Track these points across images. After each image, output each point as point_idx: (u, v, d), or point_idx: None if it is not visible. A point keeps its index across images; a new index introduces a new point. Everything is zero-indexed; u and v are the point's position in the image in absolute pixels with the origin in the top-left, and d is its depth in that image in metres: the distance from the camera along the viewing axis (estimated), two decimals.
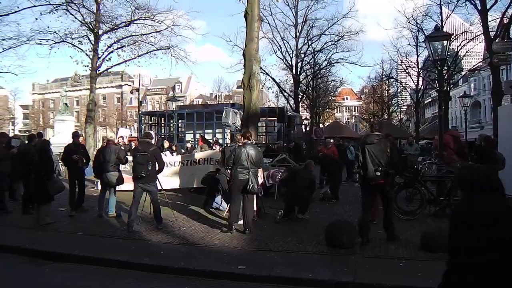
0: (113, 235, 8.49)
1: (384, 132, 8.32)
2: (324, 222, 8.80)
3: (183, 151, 15.98)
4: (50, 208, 9.68)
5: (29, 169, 10.11)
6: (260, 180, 9.76)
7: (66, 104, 36.04)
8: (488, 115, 43.91)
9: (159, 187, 9.26)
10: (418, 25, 31.71)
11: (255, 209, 9.45)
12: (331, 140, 16.63)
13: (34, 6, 20.49)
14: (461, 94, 33.64)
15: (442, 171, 10.72)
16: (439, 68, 10.87)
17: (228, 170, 9.07)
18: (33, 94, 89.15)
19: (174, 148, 16.01)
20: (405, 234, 8.16)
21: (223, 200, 10.63)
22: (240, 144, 9.11)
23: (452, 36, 14.29)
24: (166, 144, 16.06)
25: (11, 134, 56.57)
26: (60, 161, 20.27)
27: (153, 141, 10.00)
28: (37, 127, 77.71)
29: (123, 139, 17.56)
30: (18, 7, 20.49)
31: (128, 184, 14.19)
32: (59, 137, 30.38)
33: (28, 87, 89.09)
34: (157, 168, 8.92)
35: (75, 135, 11.47)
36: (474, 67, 33.51)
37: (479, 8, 21.43)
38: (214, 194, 10.89)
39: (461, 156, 11.12)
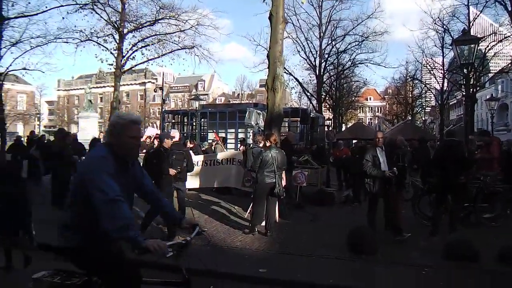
0: None
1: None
2: (346, 226, 8.75)
3: (203, 148, 15.90)
4: None
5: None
6: (283, 182, 9.73)
7: (90, 100, 36.56)
8: None
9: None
10: (445, 26, 31.08)
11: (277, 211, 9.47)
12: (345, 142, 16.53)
13: (61, 6, 20.73)
14: (488, 96, 32.95)
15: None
16: (466, 72, 10.66)
17: (253, 173, 9.13)
18: (58, 90, 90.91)
19: (191, 145, 15.88)
20: (428, 240, 8.07)
21: None
22: (261, 145, 9.15)
23: (480, 40, 13.99)
24: (189, 144, 15.99)
25: (36, 129, 57.80)
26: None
27: (177, 138, 10.13)
28: (62, 123, 79.12)
29: (150, 139, 17.41)
30: (46, 7, 20.58)
31: None
32: (83, 133, 30.91)
33: (54, 83, 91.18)
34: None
35: (166, 137, 9.13)
36: (502, 69, 32.71)
37: (509, 9, 20.97)
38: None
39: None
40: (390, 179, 8.25)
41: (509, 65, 31.77)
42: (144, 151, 15.35)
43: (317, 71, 36.68)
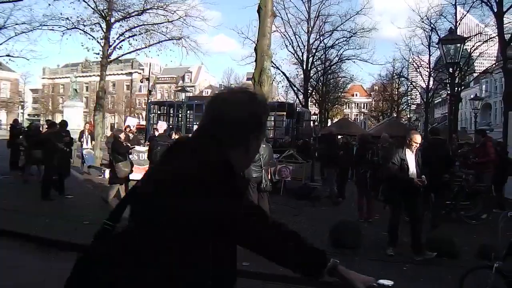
0: None
1: None
2: (329, 221, 8.80)
3: None
4: (115, 190, 10.41)
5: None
6: (268, 176, 9.73)
7: (75, 89, 36.20)
8: (499, 118, 43.61)
9: None
10: (432, 25, 31.37)
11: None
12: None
13: None
14: (472, 96, 33.37)
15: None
16: (451, 72, 10.79)
17: None
18: (43, 78, 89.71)
19: (177, 137, 15.81)
20: (409, 237, 8.15)
21: None
22: None
23: (466, 40, 14.14)
24: (174, 136, 15.94)
25: (20, 117, 57.06)
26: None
27: (162, 130, 10.09)
28: (46, 112, 78.24)
29: (130, 128, 17.33)
30: None
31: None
32: (68, 122, 30.55)
33: (39, 71, 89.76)
34: None
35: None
36: (487, 69, 33.17)
37: (495, 10, 21.15)
38: None
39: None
40: (418, 187, 7.02)
41: (493, 65, 32.18)
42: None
43: (304, 66, 36.71)
